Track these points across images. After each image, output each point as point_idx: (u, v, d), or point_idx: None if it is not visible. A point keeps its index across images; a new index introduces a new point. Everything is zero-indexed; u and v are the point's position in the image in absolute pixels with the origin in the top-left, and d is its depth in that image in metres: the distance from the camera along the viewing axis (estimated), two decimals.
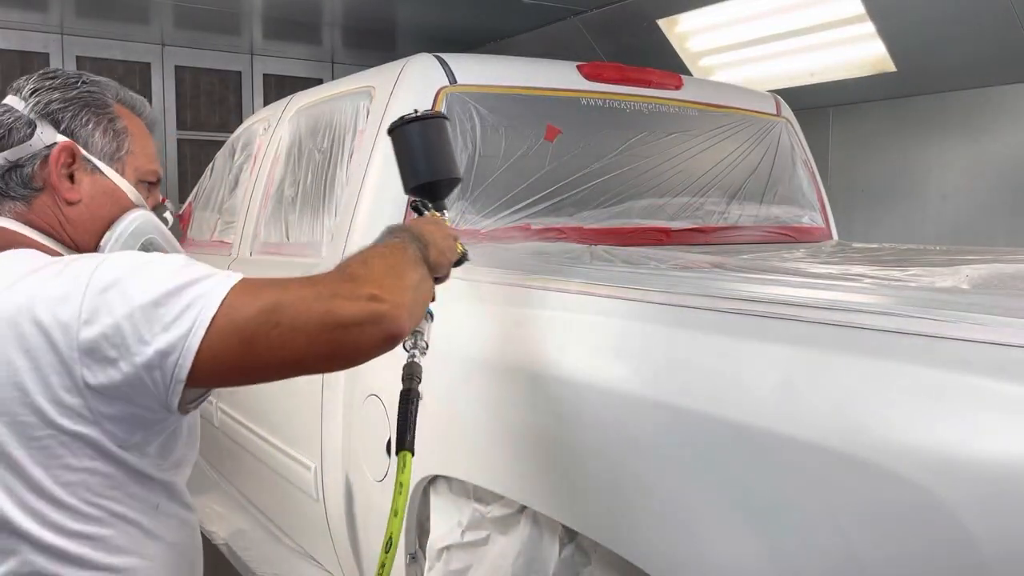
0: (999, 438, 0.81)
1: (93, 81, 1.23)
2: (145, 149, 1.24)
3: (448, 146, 1.44)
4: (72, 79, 1.21)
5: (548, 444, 1.30)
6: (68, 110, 1.18)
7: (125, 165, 1.21)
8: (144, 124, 1.26)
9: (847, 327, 0.99)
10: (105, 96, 1.22)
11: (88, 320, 0.95)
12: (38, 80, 1.22)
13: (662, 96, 2.40)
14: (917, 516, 0.84)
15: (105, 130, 1.19)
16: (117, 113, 1.21)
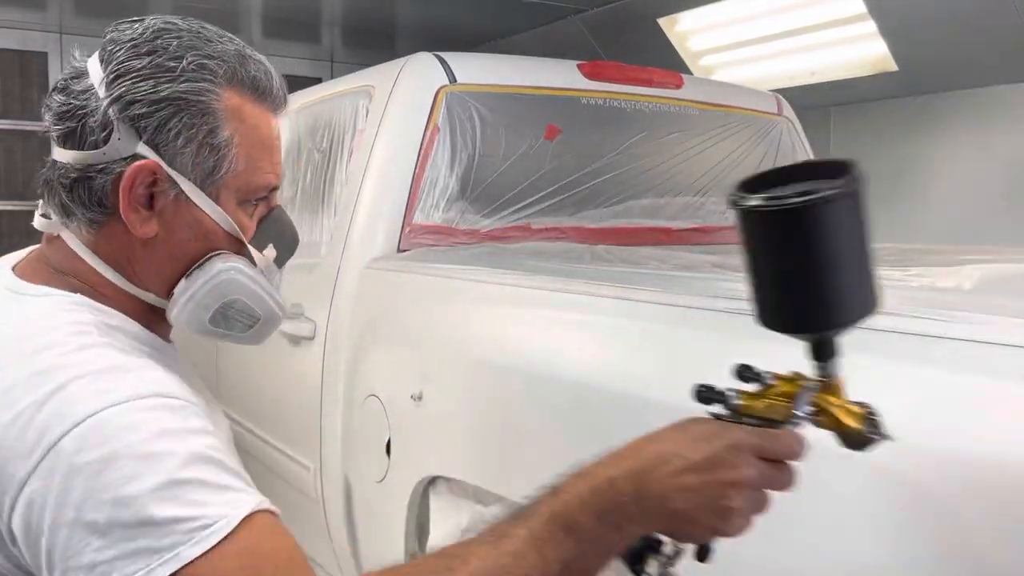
0: (999, 438, 0.81)
1: (201, 61, 0.90)
2: (258, 155, 0.95)
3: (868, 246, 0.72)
4: (173, 59, 0.89)
5: (548, 444, 1.30)
6: (155, 115, 0.89)
7: (222, 187, 0.93)
8: (266, 107, 0.97)
9: None
10: (211, 89, 0.91)
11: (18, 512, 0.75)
12: (129, 51, 0.89)
13: (663, 95, 2.40)
14: (917, 516, 0.84)
15: (201, 145, 0.90)
16: (224, 108, 0.92)
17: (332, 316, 1.97)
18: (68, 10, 4.96)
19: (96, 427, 0.75)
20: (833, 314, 0.72)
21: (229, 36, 0.98)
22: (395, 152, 2.02)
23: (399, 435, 1.67)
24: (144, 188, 0.90)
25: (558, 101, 2.24)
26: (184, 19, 0.96)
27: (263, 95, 0.96)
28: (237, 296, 0.95)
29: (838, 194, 0.67)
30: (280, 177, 1.01)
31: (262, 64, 0.97)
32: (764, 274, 0.72)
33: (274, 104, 0.98)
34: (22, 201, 5.27)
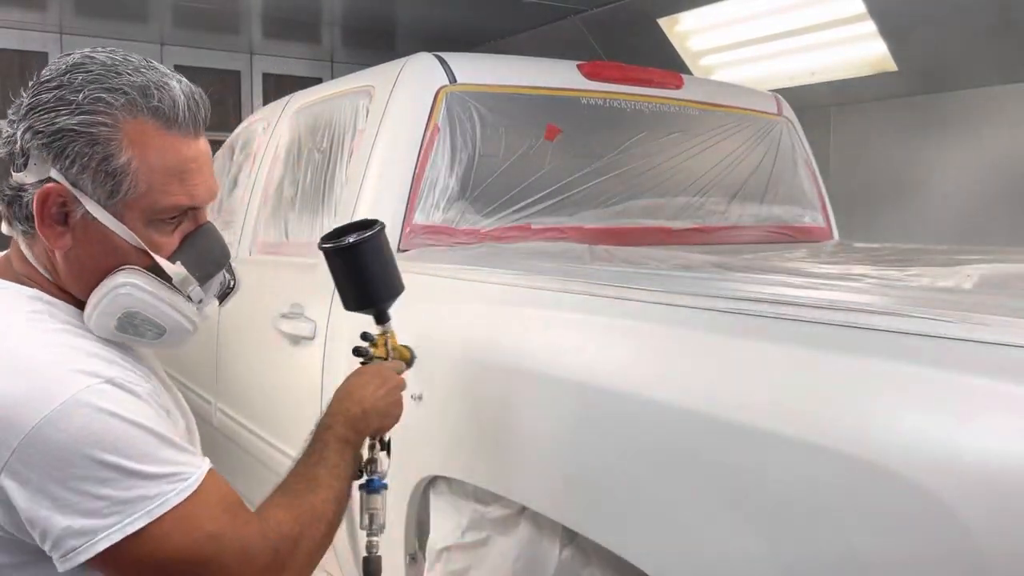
0: (999, 438, 0.81)
1: (95, 91, 0.99)
2: (163, 181, 1.03)
3: (392, 262, 1.37)
4: (73, 93, 0.99)
5: (548, 444, 1.30)
6: (56, 143, 0.99)
7: (127, 207, 1.02)
8: (176, 135, 1.04)
9: (848, 327, 0.99)
10: (104, 121, 0.99)
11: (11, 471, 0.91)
12: (35, 90, 1.02)
13: (663, 95, 2.40)
14: (917, 516, 0.84)
15: (96, 170, 0.99)
16: (123, 139, 1.00)
17: (332, 316, 1.97)
18: (68, 10, 4.96)
19: (60, 416, 0.91)
20: (376, 296, 1.37)
21: (148, 67, 1.05)
22: (395, 152, 2.02)
23: (399, 435, 1.67)
24: (56, 207, 1.01)
25: (558, 101, 2.24)
26: (110, 51, 1.05)
27: (168, 123, 1.03)
28: (135, 309, 1.03)
29: (369, 236, 1.33)
30: (201, 199, 1.09)
31: (167, 93, 1.03)
32: (341, 283, 1.37)
33: (183, 130, 1.05)
34: None
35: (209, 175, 1.10)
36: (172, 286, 1.06)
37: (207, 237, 1.11)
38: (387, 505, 1.35)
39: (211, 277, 1.13)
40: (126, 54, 1.06)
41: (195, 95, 1.07)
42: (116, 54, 1.05)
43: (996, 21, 3.32)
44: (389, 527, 1.69)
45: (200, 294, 1.11)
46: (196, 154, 1.06)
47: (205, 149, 1.09)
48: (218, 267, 1.14)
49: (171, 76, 1.06)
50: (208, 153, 1.10)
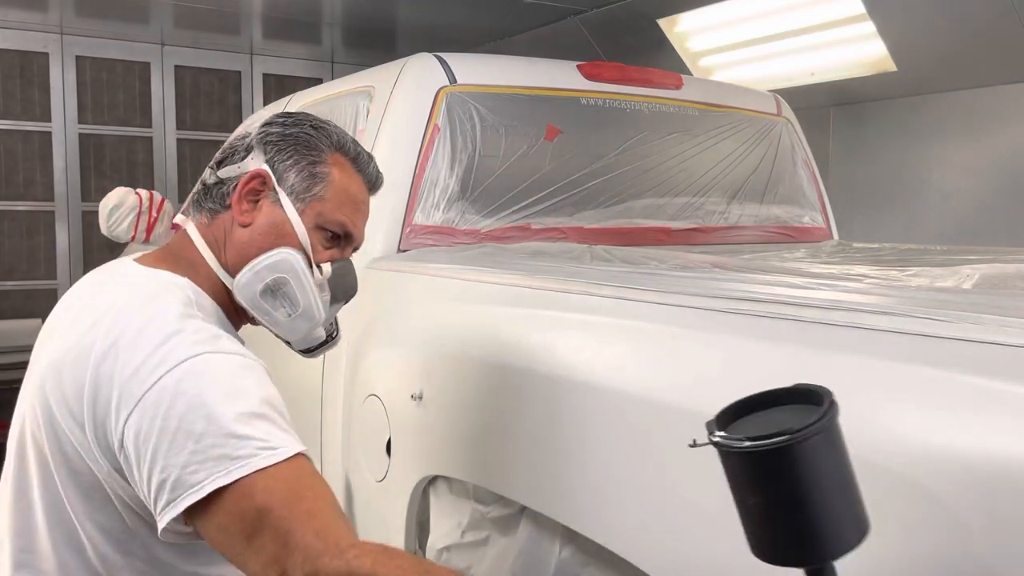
0: (999, 438, 0.81)
1: (320, 126, 1.26)
2: (341, 200, 1.24)
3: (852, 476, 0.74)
4: (301, 120, 1.26)
5: (548, 444, 1.30)
6: (279, 143, 1.23)
7: (308, 207, 1.22)
8: (360, 178, 1.28)
9: (847, 327, 0.99)
10: (321, 140, 1.25)
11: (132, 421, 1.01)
12: (276, 116, 1.28)
13: (662, 96, 2.40)
14: (917, 516, 0.84)
15: (302, 168, 1.22)
16: (328, 159, 1.24)
17: None
18: (68, 10, 4.96)
19: (196, 366, 1.02)
20: (824, 546, 0.71)
21: (353, 138, 1.31)
22: (395, 152, 2.02)
23: (399, 435, 1.67)
24: (256, 184, 1.21)
25: (558, 101, 2.24)
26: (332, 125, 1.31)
27: (361, 167, 1.29)
28: (286, 276, 1.18)
29: (819, 429, 0.69)
30: (356, 235, 1.29)
31: (363, 151, 1.30)
32: (754, 511, 0.73)
33: (368, 178, 1.30)
34: (23, 201, 5.28)
35: (362, 228, 1.30)
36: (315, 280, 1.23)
37: (347, 268, 1.30)
38: (387, 505, 1.35)
39: (337, 301, 1.30)
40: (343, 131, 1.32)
41: (376, 167, 1.32)
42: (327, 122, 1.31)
43: (996, 21, 3.32)
44: (389, 527, 1.70)
45: (327, 302, 1.27)
46: (366, 201, 1.30)
47: (368, 203, 1.31)
48: (346, 296, 1.31)
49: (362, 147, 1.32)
50: (368, 208, 1.31)
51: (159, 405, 1.00)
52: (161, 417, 0.99)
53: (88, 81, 5.39)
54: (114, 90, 5.46)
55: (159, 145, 5.61)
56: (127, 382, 1.02)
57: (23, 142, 5.25)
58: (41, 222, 5.32)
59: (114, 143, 5.48)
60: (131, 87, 5.52)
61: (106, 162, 5.47)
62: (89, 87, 5.39)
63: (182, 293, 1.15)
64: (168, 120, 5.64)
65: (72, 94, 5.32)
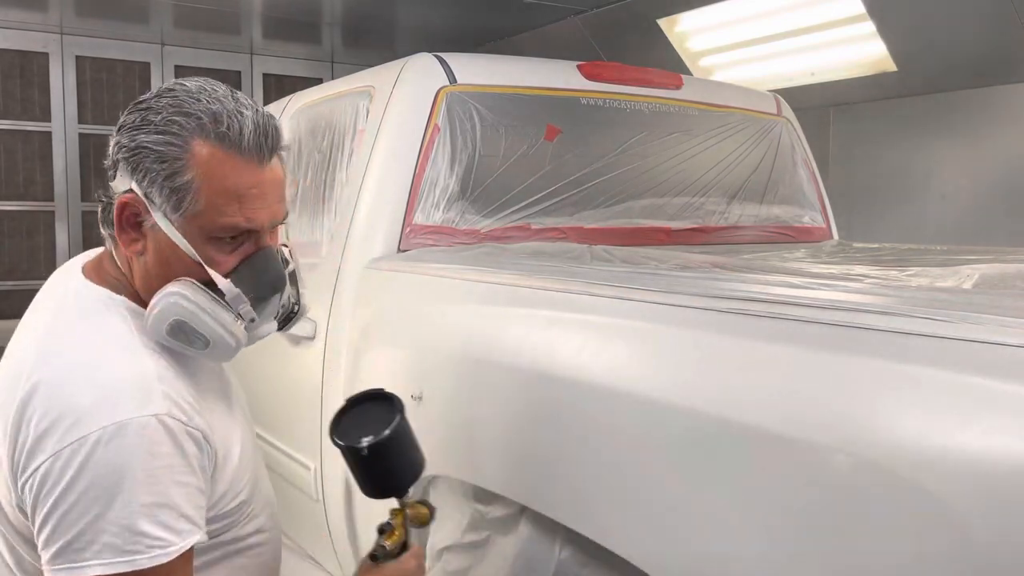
0: (999, 438, 0.81)
1: (175, 112, 1.09)
2: (220, 201, 1.09)
3: (414, 443, 1.26)
4: (153, 114, 1.09)
5: (548, 444, 1.30)
6: (133, 158, 1.09)
7: (187, 222, 1.10)
8: (239, 158, 1.10)
9: (847, 327, 0.99)
10: (174, 142, 1.08)
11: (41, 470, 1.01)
12: (129, 109, 1.13)
13: (662, 96, 2.40)
14: (917, 516, 0.84)
15: (161, 186, 1.08)
16: (190, 158, 1.08)
17: (332, 316, 1.97)
18: (68, 10, 4.96)
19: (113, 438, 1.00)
20: (402, 484, 1.26)
21: (230, 98, 1.12)
22: (395, 152, 2.02)
23: None
24: (130, 215, 1.11)
25: (558, 101, 2.24)
26: (203, 80, 1.14)
27: (233, 148, 1.09)
28: (181, 318, 1.09)
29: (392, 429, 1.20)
30: (257, 221, 1.13)
31: (237, 121, 1.10)
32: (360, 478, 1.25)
33: (246, 157, 1.10)
34: (22, 201, 5.28)
35: (274, 201, 1.15)
36: (223, 302, 1.12)
37: (264, 260, 1.16)
38: (387, 505, 1.35)
39: (265, 299, 1.19)
40: (216, 84, 1.13)
41: (268, 127, 1.12)
42: (207, 84, 1.13)
43: (995, 21, 3.33)
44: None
45: (252, 313, 1.16)
46: (258, 181, 1.12)
47: (271, 177, 1.14)
48: (272, 290, 1.19)
49: (249, 107, 1.12)
50: (275, 181, 1.15)
51: (67, 468, 0.99)
52: (68, 480, 0.99)
53: (88, 81, 5.39)
54: (114, 90, 5.46)
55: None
56: (43, 435, 1.01)
57: (23, 142, 5.25)
58: (41, 222, 5.33)
59: None
60: (131, 87, 5.52)
61: None
62: (89, 87, 5.39)
63: (116, 318, 1.12)
64: None
65: (72, 94, 5.32)
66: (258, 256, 1.16)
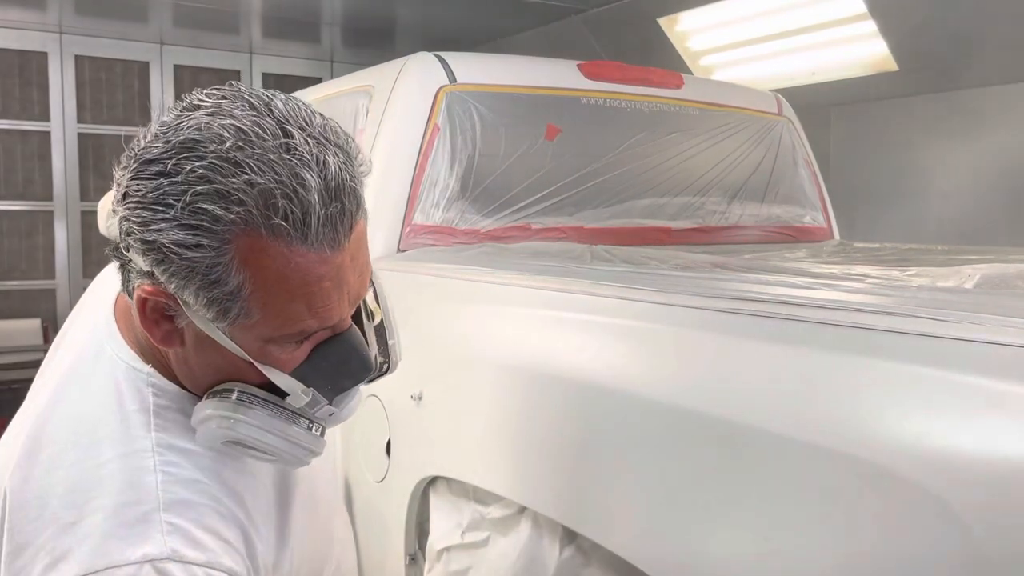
0: (999, 438, 0.80)
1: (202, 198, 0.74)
2: (284, 304, 0.80)
3: None
4: (173, 189, 0.75)
5: (548, 444, 1.30)
6: (151, 253, 0.78)
7: (239, 330, 0.83)
8: (304, 251, 0.78)
9: (848, 327, 0.99)
10: (212, 236, 0.76)
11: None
12: (135, 166, 0.79)
13: (663, 95, 2.40)
14: (917, 516, 0.84)
15: (199, 293, 0.79)
16: (232, 259, 0.77)
17: None
18: (68, 10, 4.96)
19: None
20: None
21: (286, 147, 0.77)
22: (395, 152, 2.02)
23: (399, 435, 1.67)
24: (158, 309, 0.83)
25: (558, 101, 2.23)
26: (239, 106, 0.79)
27: (296, 241, 0.77)
28: (238, 440, 0.87)
29: None
30: (331, 318, 0.84)
31: (298, 200, 0.76)
32: None
33: (315, 247, 0.78)
34: (22, 201, 5.28)
35: (354, 283, 0.85)
36: (290, 410, 0.89)
37: (342, 348, 0.88)
38: (387, 505, 1.34)
39: (345, 391, 0.94)
40: (260, 121, 0.77)
41: (343, 192, 0.79)
42: (247, 121, 0.77)
43: (996, 21, 3.32)
44: (389, 527, 1.70)
45: (330, 411, 0.92)
46: (330, 271, 0.80)
47: (344, 260, 0.81)
48: (353, 381, 0.93)
49: (312, 163, 0.77)
50: (349, 260, 0.82)
51: None
52: None
53: (87, 81, 5.39)
54: (113, 90, 5.46)
55: None
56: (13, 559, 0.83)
57: (22, 142, 5.25)
58: (40, 222, 5.32)
59: (113, 143, 5.47)
60: (130, 87, 5.52)
61: (105, 162, 5.46)
62: (88, 87, 5.39)
63: (132, 403, 0.88)
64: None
65: (71, 94, 5.32)
66: (335, 344, 0.88)
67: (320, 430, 0.92)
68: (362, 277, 0.86)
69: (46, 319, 5.27)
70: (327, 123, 0.82)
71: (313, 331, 0.85)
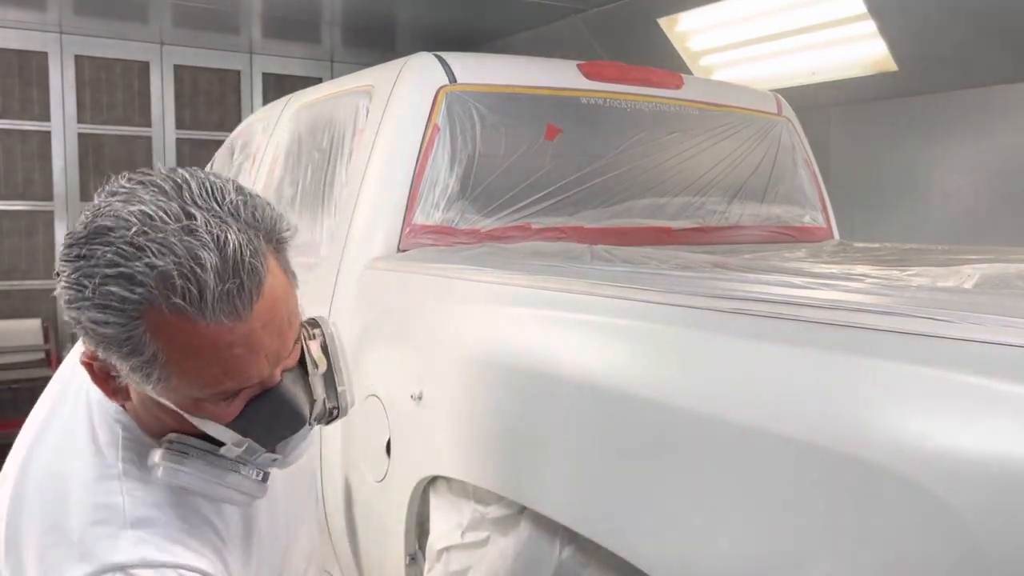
0: (999, 438, 0.80)
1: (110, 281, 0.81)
2: (198, 369, 0.86)
3: None
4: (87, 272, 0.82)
5: (548, 444, 1.30)
6: (77, 327, 0.86)
7: (163, 392, 0.89)
8: (209, 324, 0.84)
9: (848, 327, 0.99)
10: (120, 315, 0.82)
11: None
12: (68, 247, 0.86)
13: (663, 95, 2.40)
14: (917, 516, 0.84)
15: (121, 362, 0.87)
16: (143, 333, 0.83)
17: (332, 316, 1.97)
18: (68, 10, 4.96)
19: None
20: None
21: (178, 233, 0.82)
22: (395, 152, 2.02)
23: (399, 435, 1.67)
24: (100, 371, 0.92)
25: (558, 101, 2.23)
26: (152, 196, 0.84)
27: (197, 316, 0.83)
28: (183, 486, 0.94)
29: None
30: (251, 377, 0.90)
31: (195, 281, 0.81)
32: None
33: (216, 320, 0.84)
34: (22, 201, 5.28)
35: (271, 345, 0.89)
36: (228, 460, 0.95)
37: (273, 401, 0.94)
38: (387, 505, 1.34)
39: (283, 439, 0.99)
40: (166, 205, 0.83)
41: (241, 266, 0.84)
42: (155, 204, 0.83)
43: (996, 21, 3.32)
44: (389, 527, 1.70)
45: (271, 457, 0.98)
46: (238, 339, 0.86)
47: (253, 328, 0.87)
48: (289, 431, 0.98)
49: (210, 243, 0.82)
50: (260, 327, 0.87)
51: None
52: None
53: (87, 80, 5.39)
54: (113, 89, 5.46)
55: (158, 144, 5.61)
56: None
57: (22, 142, 5.25)
58: (40, 222, 5.33)
59: (113, 142, 5.48)
60: (130, 86, 5.52)
61: (105, 162, 5.47)
62: (88, 86, 5.39)
63: (106, 436, 0.97)
64: (167, 119, 5.64)
65: (71, 93, 5.32)
66: (266, 397, 0.93)
67: (262, 475, 0.98)
68: (282, 337, 0.92)
69: (46, 319, 5.27)
70: (242, 199, 0.88)
71: (236, 390, 0.91)
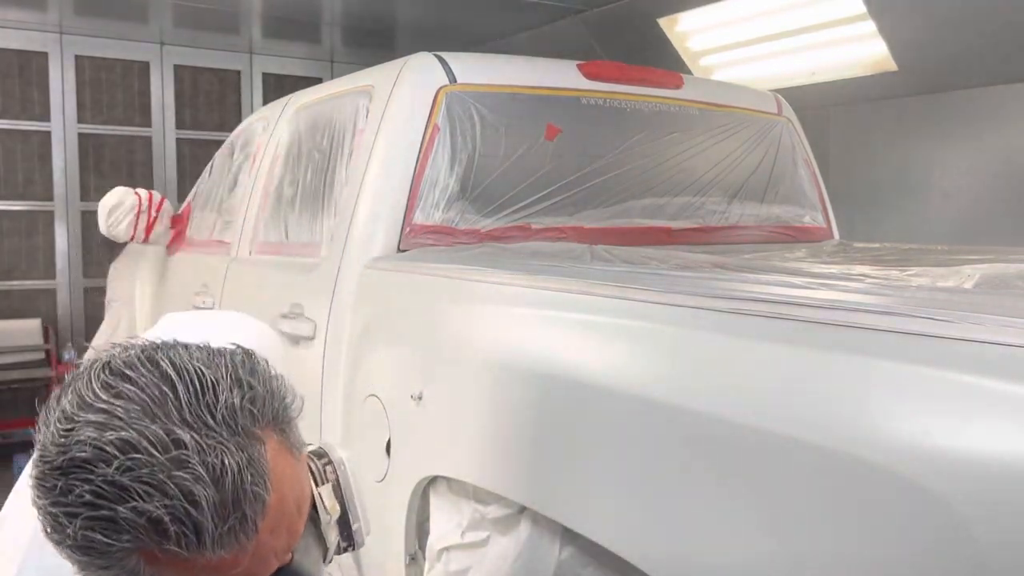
0: (999, 438, 0.81)
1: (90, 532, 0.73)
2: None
3: None
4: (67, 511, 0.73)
5: (548, 444, 1.30)
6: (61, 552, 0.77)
7: None
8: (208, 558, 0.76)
9: (848, 327, 0.99)
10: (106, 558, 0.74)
11: None
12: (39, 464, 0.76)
13: (663, 95, 2.40)
14: (917, 516, 0.84)
15: None
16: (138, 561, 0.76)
17: (332, 316, 1.97)
18: (68, 10, 4.96)
19: None
20: None
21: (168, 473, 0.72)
22: (395, 152, 2.02)
23: (399, 435, 1.67)
24: None
25: (558, 101, 2.23)
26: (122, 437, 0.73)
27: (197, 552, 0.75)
28: None
29: None
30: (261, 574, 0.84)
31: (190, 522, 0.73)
32: None
33: (215, 553, 0.76)
34: (22, 201, 5.27)
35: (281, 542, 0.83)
36: None
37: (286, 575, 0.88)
38: (387, 505, 1.34)
39: None
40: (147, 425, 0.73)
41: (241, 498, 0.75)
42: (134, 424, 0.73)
43: (996, 21, 3.32)
44: (389, 527, 1.70)
45: None
46: (242, 559, 0.79)
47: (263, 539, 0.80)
48: None
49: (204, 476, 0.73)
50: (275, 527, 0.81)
51: None
52: None
53: (87, 81, 5.39)
54: (113, 90, 5.46)
55: (158, 145, 5.61)
56: None
57: (22, 142, 5.25)
58: (40, 222, 5.32)
59: (113, 143, 5.48)
60: (130, 86, 5.52)
61: (105, 162, 5.46)
62: (88, 87, 5.39)
63: None
64: (167, 120, 5.64)
65: (71, 94, 5.32)
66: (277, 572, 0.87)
67: None
68: (291, 530, 0.84)
69: (46, 319, 5.27)
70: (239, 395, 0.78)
71: None
